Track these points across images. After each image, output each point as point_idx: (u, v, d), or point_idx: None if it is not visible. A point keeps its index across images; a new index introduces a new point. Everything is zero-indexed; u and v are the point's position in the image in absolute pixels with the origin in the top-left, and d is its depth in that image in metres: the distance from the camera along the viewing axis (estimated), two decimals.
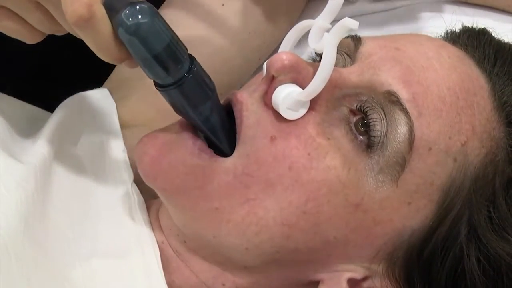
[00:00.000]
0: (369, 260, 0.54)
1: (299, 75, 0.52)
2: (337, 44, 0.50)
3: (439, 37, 0.62)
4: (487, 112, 0.54)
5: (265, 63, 0.54)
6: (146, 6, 0.47)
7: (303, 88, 0.52)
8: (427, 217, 0.53)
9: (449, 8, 0.77)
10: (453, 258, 0.53)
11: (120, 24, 0.47)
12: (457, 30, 0.62)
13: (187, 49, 0.50)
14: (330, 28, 0.51)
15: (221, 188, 0.52)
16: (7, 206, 0.51)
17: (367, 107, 0.52)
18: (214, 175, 0.52)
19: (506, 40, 0.61)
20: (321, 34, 0.51)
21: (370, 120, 0.52)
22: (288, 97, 0.51)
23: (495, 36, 0.61)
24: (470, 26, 0.62)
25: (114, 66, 0.74)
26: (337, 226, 0.52)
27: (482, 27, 0.62)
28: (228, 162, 0.52)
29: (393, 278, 0.54)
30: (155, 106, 0.68)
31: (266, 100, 0.53)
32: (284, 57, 0.52)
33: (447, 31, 0.62)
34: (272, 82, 0.53)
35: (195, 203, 0.53)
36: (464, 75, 0.54)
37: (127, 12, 0.46)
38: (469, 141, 0.53)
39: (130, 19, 0.46)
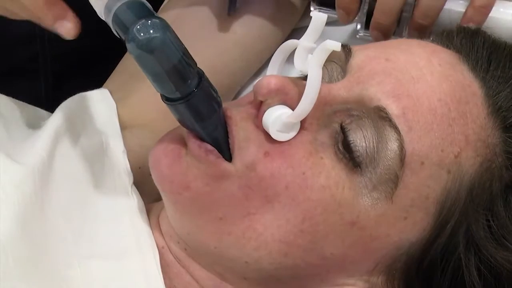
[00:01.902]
0: (368, 273, 0.55)
1: (287, 96, 0.52)
2: (321, 66, 0.50)
3: (435, 37, 0.61)
4: (481, 120, 0.53)
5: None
6: (157, 20, 0.47)
7: (292, 108, 0.52)
8: (424, 230, 0.53)
9: None
10: (453, 269, 0.53)
11: (132, 39, 0.46)
12: (451, 31, 0.60)
13: (196, 63, 0.50)
14: (314, 48, 0.51)
15: (226, 197, 0.53)
16: (6, 207, 0.52)
17: (346, 127, 0.52)
18: (222, 180, 0.52)
19: None
20: (306, 55, 0.51)
21: (350, 141, 0.52)
22: (278, 120, 0.51)
23: (491, 35, 0.60)
24: (465, 26, 0.61)
25: (115, 66, 0.75)
26: (334, 243, 0.53)
27: (477, 27, 0.61)
28: (232, 169, 0.52)
29: None
30: (155, 107, 0.68)
31: (257, 123, 0.53)
32: (270, 81, 0.52)
33: (442, 31, 0.61)
34: (261, 105, 0.53)
35: (201, 210, 0.54)
36: (455, 83, 0.54)
37: (139, 27, 0.46)
38: (462, 151, 0.52)
39: (142, 34, 0.46)
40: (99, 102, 0.69)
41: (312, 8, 0.70)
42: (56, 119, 0.63)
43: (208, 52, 0.71)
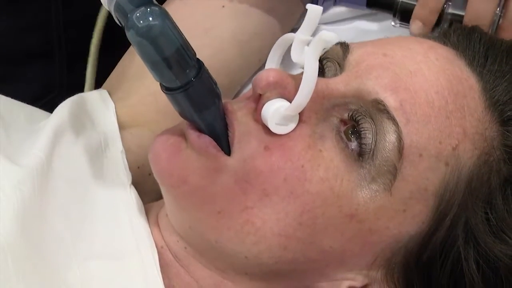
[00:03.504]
0: (367, 267, 0.55)
1: (285, 89, 0.53)
2: (318, 57, 0.50)
3: (432, 35, 0.61)
4: (479, 113, 0.54)
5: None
6: (157, 8, 0.47)
7: (290, 102, 0.52)
8: (423, 223, 0.53)
9: None
10: (452, 262, 0.53)
11: (131, 26, 0.46)
12: (448, 29, 0.61)
13: (195, 53, 0.50)
14: (311, 41, 0.51)
15: (223, 191, 0.53)
16: (5, 208, 0.52)
17: (358, 116, 0.52)
18: (218, 174, 0.53)
19: None
20: (302, 48, 0.52)
21: (362, 129, 0.52)
22: (276, 113, 0.52)
23: (487, 32, 0.60)
24: (460, 24, 0.62)
25: (113, 67, 0.76)
26: (333, 236, 0.53)
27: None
28: (229, 162, 0.53)
29: (392, 284, 0.55)
30: (154, 107, 0.69)
31: (256, 117, 0.53)
32: (268, 75, 0.52)
33: (439, 30, 0.62)
34: (260, 99, 0.53)
35: (201, 204, 0.54)
36: (453, 77, 0.54)
37: (138, 14, 0.46)
38: (460, 144, 0.52)
39: (141, 21, 0.46)
40: (98, 102, 0.69)
41: (393, 23, 0.69)
42: (55, 119, 0.64)
43: (205, 51, 0.71)
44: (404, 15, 0.68)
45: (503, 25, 0.66)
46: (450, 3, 0.66)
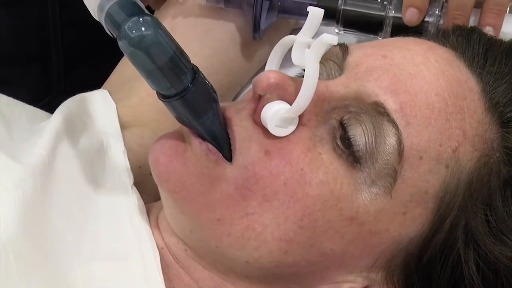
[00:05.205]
0: (368, 269, 0.55)
1: (285, 92, 0.52)
2: (319, 60, 0.50)
3: (431, 36, 0.61)
4: (478, 115, 0.54)
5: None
6: (149, 17, 0.47)
7: (290, 104, 0.52)
8: (423, 225, 0.53)
9: None
10: (452, 264, 0.53)
11: (124, 37, 0.46)
12: (447, 29, 0.61)
13: (189, 60, 0.50)
14: (312, 43, 0.51)
15: (223, 199, 0.53)
16: (6, 206, 0.52)
17: (347, 123, 0.52)
18: (217, 182, 0.53)
19: None
20: (303, 50, 0.51)
21: (351, 136, 0.52)
22: (276, 115, 0.52)
23: (487, 33, 0.60)
24: (460, 25, 0.61)
25: (114, 67, 0.76)
26: (333, 239, 0.53)
27: (473, 25, 0.61)
28: (229, 170, 0.53)
29: (392, 286, 0.55)
30: (155, 107, 0.69)
31: (255, 118, 0.53)
32: (269, 76, 0.52)
33: (437, 31, 0.62)
34: (259, 100, 0.53)
35: (199, 211, 0.54)
36: (452, 78, 0.54)
37: (130, 24, 0.46)
38: (460, 146, 0.52)
39: (134, 31, 0.46)
40: (99, 102, 0.69)
41: (336, 30, 0.69)
42: (57, 119, 0.64)
43: (204, 52, 0.71)
44: (347, 22, 0.68)
45: (485, 7, 0.66)
46: None
